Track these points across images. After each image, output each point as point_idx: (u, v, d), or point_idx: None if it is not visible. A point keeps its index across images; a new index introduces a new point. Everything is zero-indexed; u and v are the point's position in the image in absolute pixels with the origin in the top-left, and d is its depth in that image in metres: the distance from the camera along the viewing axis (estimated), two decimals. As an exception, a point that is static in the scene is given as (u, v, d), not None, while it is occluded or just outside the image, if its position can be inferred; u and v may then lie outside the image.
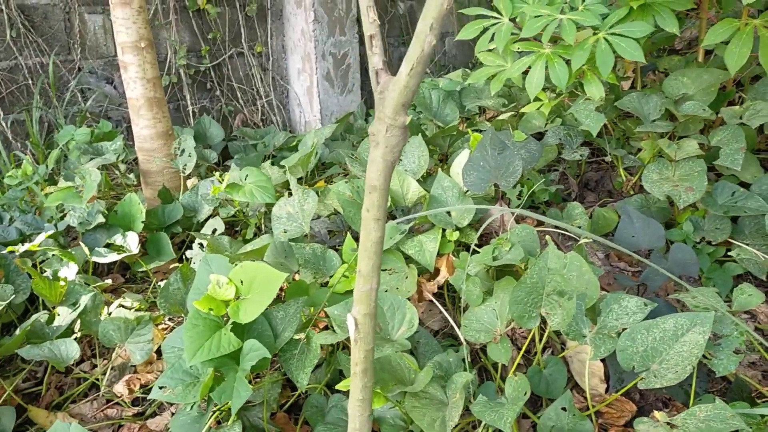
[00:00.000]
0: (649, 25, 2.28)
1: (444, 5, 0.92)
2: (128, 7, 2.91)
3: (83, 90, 4.32)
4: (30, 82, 4.18)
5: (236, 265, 1.80)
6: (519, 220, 2.55)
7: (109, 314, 2.36)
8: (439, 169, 2.22)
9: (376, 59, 1.06)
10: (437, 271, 2.15)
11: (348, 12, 5.30)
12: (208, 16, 4.84)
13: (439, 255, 2.17)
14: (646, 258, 2.21)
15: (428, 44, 1.00)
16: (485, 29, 2.59)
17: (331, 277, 2.16)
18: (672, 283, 2.20)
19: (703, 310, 1.79)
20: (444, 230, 2.13)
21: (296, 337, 1.83)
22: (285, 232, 2.27)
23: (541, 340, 1.91)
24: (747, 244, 2.20)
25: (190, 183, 3.23)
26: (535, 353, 1.94)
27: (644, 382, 1.59)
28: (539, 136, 2.70)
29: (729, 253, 2.20)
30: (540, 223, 2.51)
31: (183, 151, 3.03)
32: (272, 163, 3.19)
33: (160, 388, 1.74)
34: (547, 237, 1.88)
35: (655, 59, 2.87)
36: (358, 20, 5.44)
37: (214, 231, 2.55)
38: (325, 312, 1.89)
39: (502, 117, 2.76)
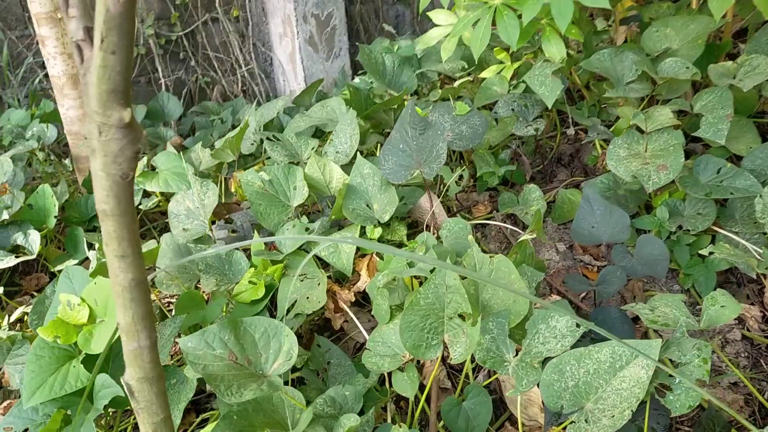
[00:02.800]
0: (616, -33, 1.86)
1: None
2: (39, -26, 2.59)
3: (44, 66, 4.04)
4: (-17, 61, 3.92)
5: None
6: (471, 207, 2.19)
7: (10, 325, 2.11)
8: (358, 154, 1.86)
9: (73, 25, 0.72)
10: (358, 275, 1.82)
11: (331, -33, 4.89)
12: (175, -20, 4.49)
13: (362, 256, 1.83)
14: (608, 252, 1.83)
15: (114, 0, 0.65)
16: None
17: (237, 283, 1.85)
18: (641, 283, 1.82)
19: (661, 326, 1.42)
20: (364, 228, 1.79)
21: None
22: (185, 230, 1.96)
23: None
24: (736, 233, 1.80)
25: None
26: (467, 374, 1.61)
27: (574, 428, 1.25)
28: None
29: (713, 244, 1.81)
30: (494, 210, 2.15)
31: (108, 134, 2.72)
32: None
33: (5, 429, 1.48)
34: (470, 238, 1.52)
35: (642, 7, 2.42)
36: (342, -23, 5.02)
37: (121, 228, 2.25)
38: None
39: (457, 84, 2.36)
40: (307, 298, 1.74)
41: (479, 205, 2.16)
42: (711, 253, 1.56)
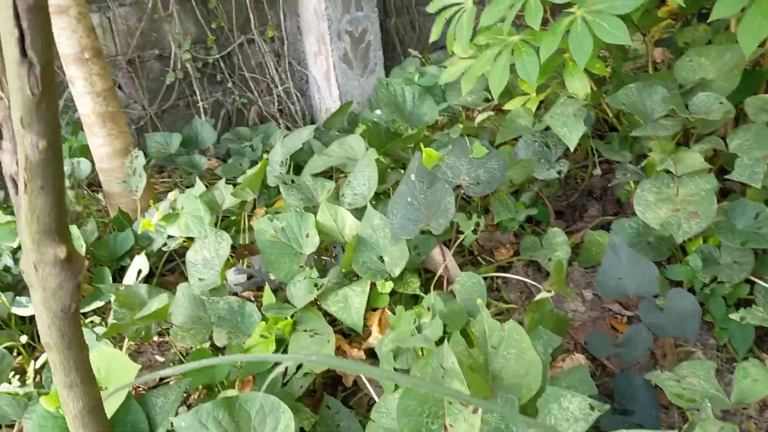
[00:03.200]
0: (642, -4, 1.74)
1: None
2: (65, 16, 2.62)
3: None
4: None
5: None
6: (493, 249, 2.10)
7: (36, 371, 2.15)
8: (368, 204, 1.80)
9: (7, 159, 0.68)
10: (369, 331, 1.76)
11: (364, -17, 4.84)
12: (210, 3, 4.52)
13: (374, 310, 1.77)
14: (636, 306, 1.72)
15: (33, 148, 0.61)
16: (449, 20, 2.11)
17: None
18: (672, 339, 1.70)
19: (687, 401, 1.31)
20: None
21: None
22: (201, 280, 1.94)
23: None
24: (777, 284, 1.66)
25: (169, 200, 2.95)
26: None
27: None
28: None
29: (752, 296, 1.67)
30: (516, 253, 2.06)
31: (135, 170, 2.75)
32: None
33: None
34: (479, 302, 1.45)
35: (677, 31, 2.27)
36: (377, -9, 4.97)
37: (139, 273, 2.26)
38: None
39: (479, 118, 2.27)
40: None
41: (501, 248, 2.07)
42: (743, 318, 1.44)
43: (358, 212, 1.99)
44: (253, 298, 2.20)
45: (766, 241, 1.62)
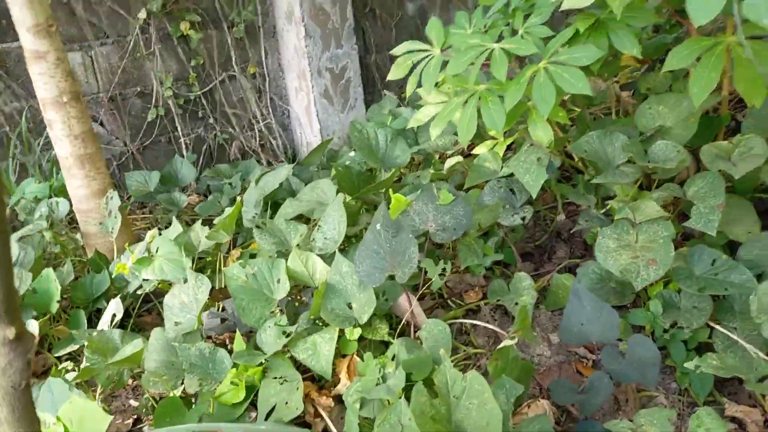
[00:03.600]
0: (599, 49, 1.81)
1: None
2: (43, 61, 2.66)
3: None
4: (8, 129, 4.05)
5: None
6: (463, 292, 2.13)
7: None
8: (337, 251, 1.84)
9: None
10: (338, 378, 1.78)
11: (344, 22, 4.92)
12: (191, 42, 4.58)
13: (343, 356, 1.80)
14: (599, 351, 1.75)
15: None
16: (415, 65, 2.17)
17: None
18: (635, 387, 1.73)
19: (643, 450, 1.34)
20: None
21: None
22: (177, 324, 1.95)
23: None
24: (735, 329, 1.70)
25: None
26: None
27: None
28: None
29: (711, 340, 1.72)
30: (486, 295, 2.09)
31: (110, 211, 2.76)
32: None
33: None
34: (441, 352, 1.47)
35: (640, 77, 2.35)
36: (356, 29, 5.06)
37: (113, 318, 2.26)
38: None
39: (448, 163, 2.32)
40: (286, 403, 1.71)
41: (471, 291, 2.11)
42: (698, 367, 1.48)
43: (330, 257, 2.02)
44: (227, 341, 2.21)
45: (722, 287, 1.66)
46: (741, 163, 1.78)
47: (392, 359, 1.56)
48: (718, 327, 1.71)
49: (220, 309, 2.28)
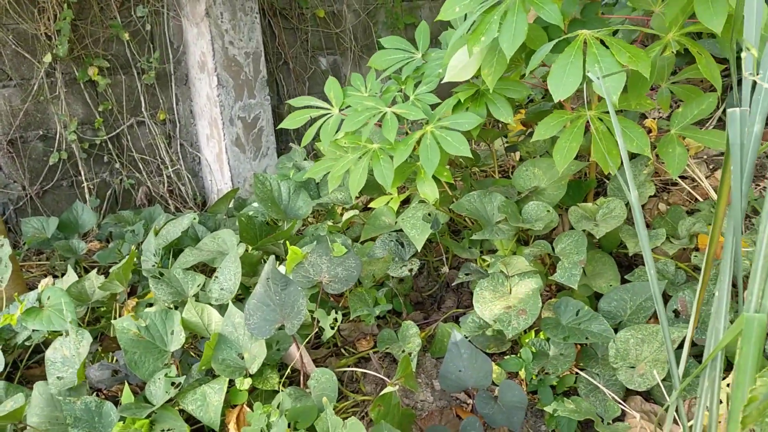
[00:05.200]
0: (478, 116, 1.99)
1: None
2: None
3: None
4: None
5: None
6: (355, 341, 2.22)
7: None
8: (230, 302, 1.89)
9: None
10: (227, 429, 1.81)
11: (257, 74, 5.03)
12: (99, 87, 4.55)
13: (233, 406, 1.83)
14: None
15: None
16: (313, 120, 2.30)
17: (107, 436, 1.82)
18: (506, 430, 1.86)
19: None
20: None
21: None
22: (59, 379, 1.93)
23: None
24: (597, 374, 1.87)
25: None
26: None
27: None
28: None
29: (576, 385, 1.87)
30: (375, 344, 2.19)
31: (0, 259, 2.69)
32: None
33: None
34: (324, 400, 1.55)
35: (521, 141, 2.57)
36: (270, 81, 5.18)
37: (-3, 372, 2.20)
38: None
39: (345, 216, 2.44)
40: (173, 454, 1.72)
41: (363, 340, 2.20)
42: (555, 411, 1.62)
43: (226, 308, 2.06)
44: (119, 394, 2.19)
45: (583, 336, 1.83)
46: (603, 223, 1.99)
47: (277, 408, 1.62)
48: (581, 373, 1.87)
49: (113, 360, 2.26)
